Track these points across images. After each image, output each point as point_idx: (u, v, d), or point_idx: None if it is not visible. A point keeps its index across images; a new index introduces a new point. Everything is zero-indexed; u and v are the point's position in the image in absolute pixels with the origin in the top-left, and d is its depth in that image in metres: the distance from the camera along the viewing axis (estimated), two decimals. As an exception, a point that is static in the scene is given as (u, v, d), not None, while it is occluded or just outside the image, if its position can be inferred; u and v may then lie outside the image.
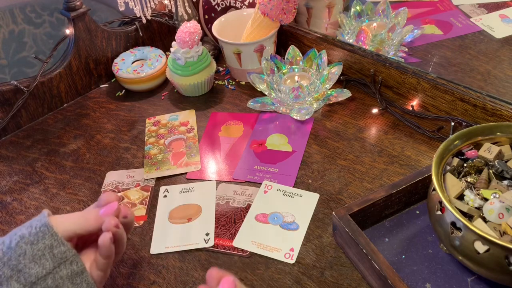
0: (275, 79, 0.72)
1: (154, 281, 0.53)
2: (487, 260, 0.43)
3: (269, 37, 0.76)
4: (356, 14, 0.81)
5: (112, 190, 0.65)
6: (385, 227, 0.54)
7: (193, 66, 0.75)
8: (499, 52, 0.77)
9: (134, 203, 0.63)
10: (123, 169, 0.68)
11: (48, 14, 1.10)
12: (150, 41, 0.88)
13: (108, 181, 0.66)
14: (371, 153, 0.64)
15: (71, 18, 0.77)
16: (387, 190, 0.53)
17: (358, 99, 0.74)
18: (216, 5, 0.85)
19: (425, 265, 0.50)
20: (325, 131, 0.69)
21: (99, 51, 0.83)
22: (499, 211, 0.44)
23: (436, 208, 0.48)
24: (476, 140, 0.51)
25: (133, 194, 0.64)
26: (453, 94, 0.63)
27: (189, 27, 0.73)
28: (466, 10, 0.87)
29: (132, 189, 0.64)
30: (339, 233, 0.52)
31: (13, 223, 0.62)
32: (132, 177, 0.66)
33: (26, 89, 0.75)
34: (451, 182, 0.48)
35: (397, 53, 0.77)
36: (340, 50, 0.75)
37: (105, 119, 0.78)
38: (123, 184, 0.65)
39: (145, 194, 0.64)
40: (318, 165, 0.64)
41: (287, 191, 0.61)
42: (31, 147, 0.74)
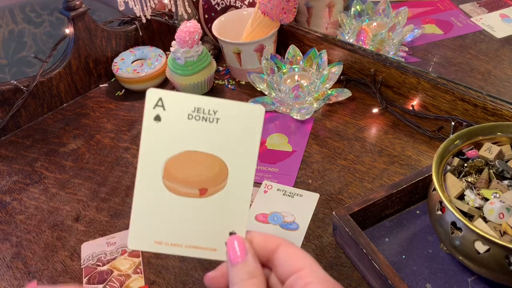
0: (275, 79, 0.72)
1: (154, 281, 0.53)
2: (487, 260, 0.43)
3: (269, 36, 0.76)
4: (357, 13, 0.81)
5: (95, 265, 0.55)
6: (386, 227, 0.54)
7: (193, 66, 0.75)
8: (500, 51, 0.77)
9: (127, 274, 0.54)
10: (99, 237, 0.58)
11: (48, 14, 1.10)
12: (150, 40, 0.88)
13: (87, 255, 0.56)
14: (372, 153, 0.64)
15: (70, 17, 0.77)
16: (387, 190, 0.52)
17: (358, 99, 0.73)
18: (216, 4, 0.85)
19: (425, 265, 0.50)
20: (325, 131, 0.69)
21: (98, 51, 0.83)
22: (499, 211, 0.44)
23: (436, 208, 0.47)
24: (477, 140, 0.51)
25: (122, 264, 0.55)
26: (453, 93, 0.63)
27: (189, 26, 0.73)
28: (466, 9, 0.87)
29: (119, 259, 0.55)
30: (339, 233, 0.52)
31: (12, 223, 0.62)
32: (114, 244, 0.56)
33: (26, 88, 0.75)
34: (452, 182, 0.48)
35: (397, 53, 0.77)
36: (340, 50, 0.75)
37: (105, 118, 0.78)
38: (105, 254, 0.56)
39: (136, 261, 0.55)
40: (318, 165, 0.64)
41: (287, 191, 0.61)
42: (31, 146, 0.74)
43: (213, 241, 0.33)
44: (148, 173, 0.33)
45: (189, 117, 0.32)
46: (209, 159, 0.33)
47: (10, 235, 0.60)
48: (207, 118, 0.32)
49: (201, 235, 0.33)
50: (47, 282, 0.54)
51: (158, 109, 0.32)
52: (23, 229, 0.61)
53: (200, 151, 0.33)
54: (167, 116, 0.32)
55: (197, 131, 0.32)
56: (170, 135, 0.32)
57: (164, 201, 0.33)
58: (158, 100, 0.32)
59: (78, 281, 0.54)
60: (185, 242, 0.33)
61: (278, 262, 0.32)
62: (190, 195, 0.33)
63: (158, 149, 0.32)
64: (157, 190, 0.33)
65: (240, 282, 0.31)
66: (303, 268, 0.31)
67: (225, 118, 0.32)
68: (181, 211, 0.33)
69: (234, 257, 0.31)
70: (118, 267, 0.55)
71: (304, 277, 0.30)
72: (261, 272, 0.31)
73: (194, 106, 0.32)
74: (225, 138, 0.32)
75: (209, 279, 0.33)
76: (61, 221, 0.61)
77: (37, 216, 0.62)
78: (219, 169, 0.33)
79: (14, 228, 0.61)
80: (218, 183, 0.33)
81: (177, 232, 0.33)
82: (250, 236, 0.33)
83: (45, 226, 0.61)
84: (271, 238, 0.33)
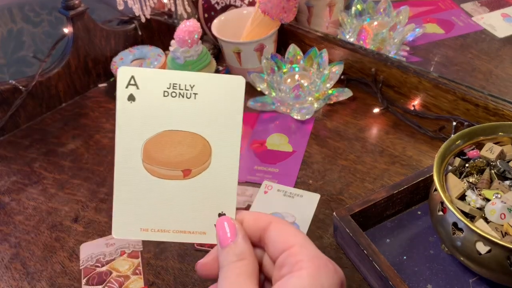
0: (276, 78, 0.72)
1: (153, 282, 0.53)
2: (488, 261, 0.43)
3: (270, 36, 0.76)
4: (357, 12, 0.81)
5: (94, 266, 0.54)
6: (386, 227, 0.54)
7: (193, 65, 0.75)
8: (501, 51, 0.76)
9: (126, 275, 0.53)
10: (98, 238, 0.58)
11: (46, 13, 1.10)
12: (149, 40, 0.88)
13: (86, 256, 0.56)
14: (372, 153, 0.64)
15: (69, 17, 0.77)
16: (388, 190, 0.52)
17: (359, 99, 0.73)
18: (215, 3, 0.84)
19: (426, 266, 0.49)
20: (325, 131, 0.69)
21: (97, 50, 0.82)
22: (501, 211, 0.44)
23: (437, 209, 0.47)
24: (478, 140, 0.51)
25: (121, 265, 0.54)
26: (454, 93, 0.63)
27: (188, 25, 0.73)
28: (467, 9, 0.87)
29: (118, 259, 0.55)
30: (340, 233, 0.51)
31: (11, 224, 0.62)
32: (113, 245, 0.56)
33: (25, 88, 0.75)
34: (453, 183, 0.47)
35: (398, 52, 0.77)
36: (341, 49, 0.75)
37: (104, 118, 0.77)
38: (104, 255, 0.55)
39: (135, 262, 0.54)
40: (318, 165, 0.63)
41: (287, 192, 0.60)
42: (30, 147, 0.74)
43: (202, 224, 0.31)
44: (127, 157, 0.31)
45: (164, 94, 0.30)
46: (189, 137, 0.31)
47: (9, 235, 0.60)
48: (184, 94, 0.30)
49: (189, 218, 0.31)
50: (46, 283, 0.54)
51: (131, 88, 0.31)
52: (21, 229, 0.61)
53: (179, 130, 0.31)
54: (142, 95, 0.30)
55: (174, 109, 0.30)
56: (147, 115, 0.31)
57: (147, 186, 0.31)
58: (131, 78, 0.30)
59: (77, 282, 0.54)
60: (172, 227, 0.31)
61: (269, 240, 0.31)
62: (174, 177, 0.31)
63: (135, 131, 0.31)
64: (138, 175, 0.31)
65: (229, 264, 0.29)
66: (294, 245, 0.30)
67: (203, 92, 0.30)
68: (165, 194, 0.31)
69: (224, 239, 0.30)
70: (117, 268, 0.54)
71: (295, 255, 0.29)
72: (251, 253, 0.30)
73: (169, 82, 0.30)
74: (205, 113, 0.31)
75: (200, 266, 0.32)
76: (60, 221, 0.61)
77: (35, 217, 0.62)
78: (202, 148, 0.31)
79: (13, 229, 0.61)
80: (201, 163, 0.31)
81: (163, 217, 0.31)
82: (240, 216, 0.32)
83: (44, 226, 0.61)
84: (262, 216, 0.31)
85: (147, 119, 0.31)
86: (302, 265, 0.28)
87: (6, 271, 0.56)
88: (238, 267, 0.29)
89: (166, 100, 0.30)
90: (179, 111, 0.31)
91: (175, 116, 0.31)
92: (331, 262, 0.30)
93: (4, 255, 0.58)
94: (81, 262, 0.56)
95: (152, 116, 0.31)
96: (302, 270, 0.28)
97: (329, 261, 0.29)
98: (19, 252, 0.58)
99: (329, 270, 0.29)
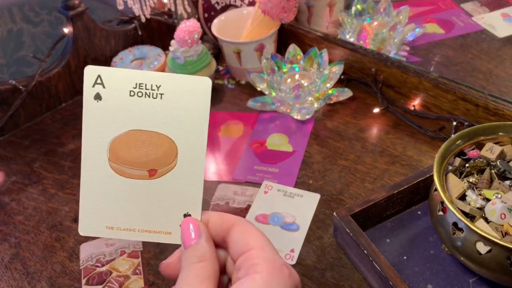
0: (276, 78, 0.72)
1: (153, 282, 0.53)
2: (489, 261, 0.43)
3: (270, 35, 0.76)
4: (357, 12, 0.81)
5: (94, 266, 0.55)
6: (387, 227, 0.54)
7: (193, 65, 0.75)
8: (501, 51, 0.76)
9: (126, 275, 0.53)
10: (98, 238, 0.57)
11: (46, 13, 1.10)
12: (149, 40, 0.88)
13: (86, 256, 0.56)
14: (372, 153, 0.64)
15: (69, 16, 0.77)
16: (388, 190, 0.52)
17: (359, 99, 0.73)
18: (215, 3, 0.84)
19: (426, 266, 0.49)
20: (326, 131, 0.69)
21: (97, 50, 0.82)
22: (501, 211, 0.44)
23: (437, 209, 0.47)
24: (478, 140, 0.51)
25: (121, 265, 0.54)
26: (455, 93, 0.63)
27: (188, 25, 0.73)
28: (468, 8, 0.86)
29: (118, 259, 0.55)
30: (340, 233, 0.51)
31: (11, 224, 0.62)
32: (113, 245, 0.56)
33: (24, 88, 0.75)
34: (453, 182, 0.47)
35: (398, 52, 0.77)
36: (341, 49, 0.75)
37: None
38: (104, 255, 0.55)
39: (135, 262, 0.54)
40: (319, 165, 0.63)
41: (287, 192, 0.60)
42: (30, 147, 0.74)
43: (168, 224, 0.32)
44: (93, 156, 0.31)
45: (131, 94, 0.30)
46: (155, 137, 0.31)
47: (9, 236, 0.60)
48: (150, 94, 0.31)
49: (155, 218, 0.32)
50: (46, 283, 0.54)
51: (97, 87, 0.31)
52: (21, 229, 0.61)
53: (145, 129, 0.31)
54: (108, 94, 0.31)
55: (140, 109, 0.31)
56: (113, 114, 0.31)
57: (113, 185, 0.31)
58: (97, 77, 0.30)
59: (77, 282, 0.54)
60: (138, 226, 0.32)
61: (231, 242, 0.31)
62: (139, 176, 0.31)
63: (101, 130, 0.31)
64: (104, 173, 0.31)
65: (189, 265, 0.30)
66: (253, 248, 0.30)
67: (169, 92, 0.31)
68: (131, 194, 0.31)
69: (187, 240, 0.30)
70: (117, 268, 0.54)
71: (252, 258, 0.29)
72: (212, 255, 0.30)
73: (135, 82, 0.30)
74: (171, 114, 0.31)
75: (164, 266, 0.33)
76: (60, 221, 0.61)
77: (35, 217, 0.62)
78: (168, 148, 0.31)
79: (13, 229, 0.61)
80: (167, 163, 0.31)
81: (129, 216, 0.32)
82: (206, 216, 0.32)
83: (44, 226, 0.61)
84: (227, 217, 0.32)
85: (113, 118, 0.31)
86: (257, 268, 0.28)
87: (6, 271, 0.56)
88: (197, 269, 0.29)
89: (132, 100, 0.31)
90: (145, 111, 0.31)
91: (141, 116, 0.31)
92: (287, 267, 0.30)
93: (4, 255, 0.58)
94: (81, 262, 0.56)
95: (118, 115, 0.31)
96: (256, 274, 0.28)
97: (285, 266, 0.30)
98: (19, 252, 0.58)
99: (283, 274, 0.29)
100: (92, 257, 0.56)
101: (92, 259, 0.55)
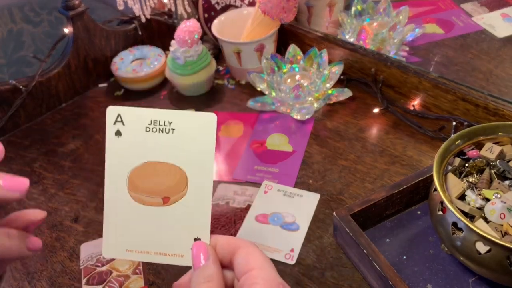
0: (276, 79, 0.72)
1: (153, 281, 0.53)
2: (488, 261, 0.43)
3: (269, 36, 0.76)
4: (357, 13, 0.81)
5: (94, 266, 0.55)
6: (386, 227, 0.54)
7: (193, 65, 0.75)
8: (501, 51, 0.76)
9: (126, 275, 0.53)
10: (98, 238, 0.58)
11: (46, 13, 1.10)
12: (149, 40, 0.88)
13: (86, 255, 0.56)
14: (372, 153, 0.64)
15: (69, 16, 0.77)
16: (388, 190, 0.52)
17: (359, 99, 0.73)
18: (216, 3, 0.84)
19: (426, 266, 0.50)
20: (325, 131, 0.69)
21: (97, 50, 0.82)
22: (500, 211, 0.44)
23: (437, 209, 0.47)
24: (478, 140, 0.51)
25: (121, 264, 0.54)
26: (454, 93, 0.63)
27: (188, 26, 0.73)
28: (467, 9, 0.87)
29: (118, 259, 0.55)
30: (340, 233, 0.51)
31: (11, 224, 0.62)
32: None
33: (25, 88, 0.75)
34: (453, 182, 0.47)
35: (398, 52, 0.77)
36: (341, 49, 0.75)
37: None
38: None
39: (135, 261, 0.54)
40: (318, 165, 0.63)
41: (287, 191, 0.60)
42: (30, 147, 0.74)
43: (180, 247, 0.35)
44: (115, 186, 0.34)
45: (146, 130, 0.34)
46: (168, 168, 0.34)
47: (9, 235, 0.60)
48: (163, 129, 0.34)
49: (169, 242, 0.35)
50: (46, 282, 0.54)
51: (118, 125, 0.34)
52: (22, 229, 0.61)
53: (160, 161, 0.34)
54: (127, 131, 0.34)
55: (155, 143, 0.34)
56: (131, 148, 0.34)
57: (132, 212, 0.34)
58: (117, 116, 0.34)
59: (77, 281, 0.54)
60: (154, 249, 0.35)
61: (236, 263, 0.33)
62: (155, 204, 0.34)
63: (121, 163, 0.34)
64: (124, 202, 0.34)
65: (197, 285, 0.32)
66: (254, 268, 0.32)
67: (179, 128, 0.34)
68: (148, 220, 0.35)
69: (197, 262, 0.33)
70: (117, 267, 0.54)
71: (252, 277, 0.31)
72: (218, 276, 0.33)
73: (150, 119, 0.34)
74: (181, 147, 0.34)
75: (176, 286, 0.35)
76: (60, 221, 0.61)
77: (36, 217, 0.62)
78: (179, 177, 0.34)
79: (13, 229, 0.61)
80: (179, 191, 0.34)
81: (145, 240, 0.35)
82: (214, 240, 0.35)
83: (44, 226, 0.61)
84: (233, 240, 0.34)
85: (131, 151, 0.34)
86: (256, 287, 0.31)
87: (7, 270, 0.56)
88: None
89: (148, 135, 0.34)
90: (159, 144, 0.34)
91: (155, 149, 0.34)
92: (284, 285, 0.32)
93: (4, 255, 0.58)
94: (81, 261, 0.56)
95: (136, 149, 0.34)
96: None
97: (282, 284, 0.32)
98: (19, 252, 0.58)
99: None
100: (92, 256, 0.56)
101: (92, 259, 0.56)
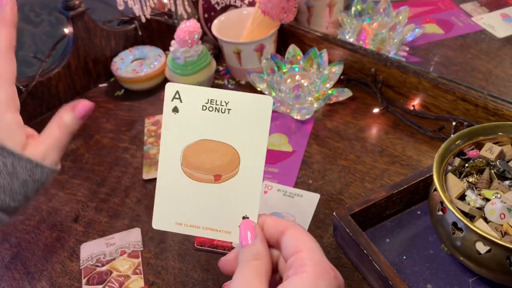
0: (275, 79, 0.72)
1: (153, 282, 0.53)
2: (488, 261, 0.43)
3: (269, 36, 0.76)
4: (357, 13, 0.81)
5: (94, 266, 0.55)
6: (386, 227, 0.54)
7: (193, 66, 0.75)
8: (501, 51, 0.76)
9: (127, 275, 0.53)
10: (98, 238, 0.58)
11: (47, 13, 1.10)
12: (149, 40, 0.88)
13: (86, 255, 0.56)
14: (372, 153, 0.64)
15: (70, 17, 0.77)
16: (388, 190, 0.52)
17: (359, 99, 0.73)
18: (215, 3, 0.85)
19: (426, 266, 0.50)
20: (325, 131, 0.69)
21: (98, 50, 0.82)
22: (500, 211, 0.44)
23: (437, 209, 0.47)
24: (478, 140, 0.51)
25: (121, 264, 0.54)
26: (454, 93, 0.63)
27: (188, 26, 0.73)
28: (467, 9, 0.87)
29: (118, 259, 0.55)
30: (339, 233, 0.51)
31: (11, 223, 0.62)
32: (113, 244, 0.56)
33: (25, 88, 0.75)
34: (453, 182, 0.47)
35: (398, 52, 0.77)
36: (341, 49, 0.75)
37: (104, 118, 0.77)
38: (104, 255, 0.55)
39: (135, 261, 0.54)
40: (318, 165, 0.63)
41: (287, 192, 0.60)
42: (30, 146, 0.74)
43: (228, 224, 0.36)
44: (169, 160, 0.36)
45: (203, 108, 0.35)
46: (222, 147, 0.35)
47: (9, 235, 0.60)
48: (220, 109, 0.35)
49: (217, 218, 0.36)
50: (46, 282, 0.54)
51: (175, 102, 0.35)
52: (22, 229, 0.61)
53: (214, 139, 0.35)
54: (184, 108, 0.35)
55: (210, 121, 0.35)
56: (187, 125, 0.35)
57: (183, 186, 0.36)
58: (176, 93, 0.35)
59: (77, 281, 0.54)
60: (203, 224, 0.36)
61: (284, 244, 0.34)
62: (206, 180, 0.35)
63: (177, 138, 0.36)
64: (177, 176, 0.36)
65: (245, 262, 0.33)
66: (303, 250, 0.33)
67: (235, 108, 0.35)
68: (198, 196, 0.36)
69: (244, 240, 0.34)
70: (117, 267, 0.54)
71: (301, 259, 0.32)
72: (266, 254, 0.34)
73: (207, 98, 0.35)
74: (236, 127, 0.35)
75: (222, 262, 0.37)
76: (60, 221, 0.61)
77: (36, 217, 0.62)
78: (232, 157, 0.35)
79: (13, 229, 0.61)
80: (231, 170, 0.35)
81: (195, 215, 0.36)
82: (262, 219, 0.36)
83: (44, 226, 0.61)
84: (281, 221, 0.35)
85: (187, 128, 0.36)
86: (306, 268, 0.31)
87: (7, 271, 0.56)
88: (252, 265, 0.33)
89: (204, 113, 0.35)
90: (215, 123, 0.35)
91: (211, 127, 0.35)
92: (333, 269, 0.33)
93: (4, 255, 0.58)
94: (81, 262, 0.56)
95: (191, 126, 0.35)
96: (304, 273, 0.31)
97: (331, 268, 0.33)
98: (19, 252, 0.58)
99: (329, 275, 0.32)
100: (92, 257, 0.56)
101: (92, 259, 0.56)
